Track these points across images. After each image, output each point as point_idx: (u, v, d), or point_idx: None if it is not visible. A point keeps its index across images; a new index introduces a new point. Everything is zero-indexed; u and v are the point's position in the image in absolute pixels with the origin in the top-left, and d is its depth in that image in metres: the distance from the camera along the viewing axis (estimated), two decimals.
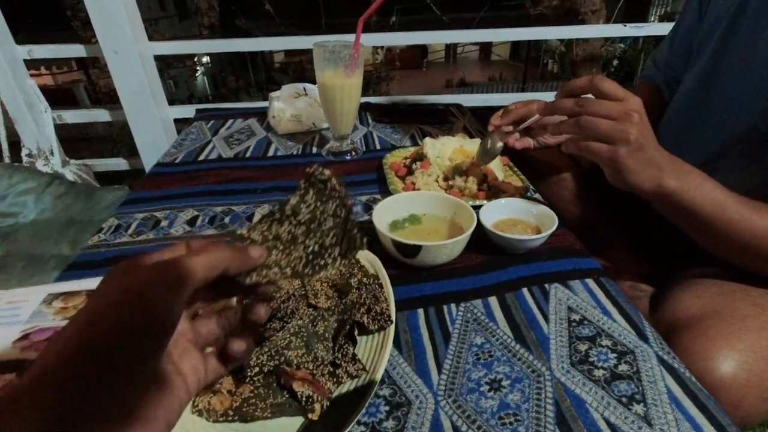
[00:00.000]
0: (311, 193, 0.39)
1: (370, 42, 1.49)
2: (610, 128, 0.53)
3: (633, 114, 0.52)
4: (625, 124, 0.52)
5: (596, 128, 0.54)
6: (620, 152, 0.53)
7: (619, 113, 0.53)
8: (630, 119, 0.52)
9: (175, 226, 0.71)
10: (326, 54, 0.84)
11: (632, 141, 0.52)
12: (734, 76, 0.68)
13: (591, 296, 0.56)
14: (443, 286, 0.58)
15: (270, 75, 5.13)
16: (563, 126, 0.58)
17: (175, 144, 1.02)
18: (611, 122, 0.53)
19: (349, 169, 0.89)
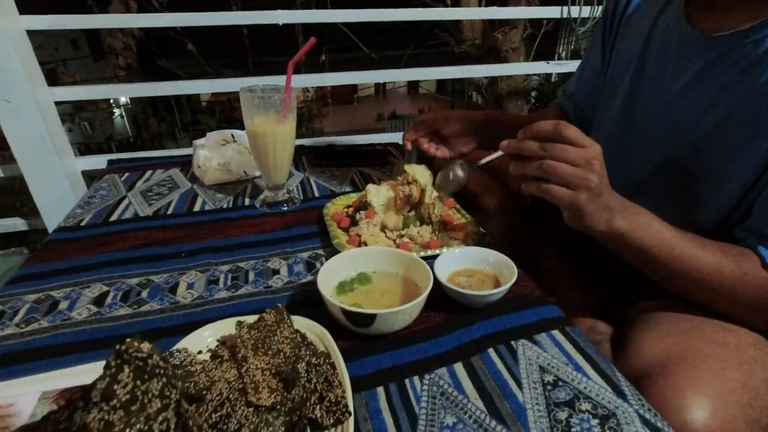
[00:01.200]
0: (126, 371, 0.33)
1: (302, 83, 1.44)
2: (572, 174, 0.54)
3: (594, 162, 0.54)
4: (587, 172, 0.53)
5: (559, 174, 0.54)
6: (581, 198, 0.54)
7: (582, 160, 0.54)
8: (592, 167, 0.53)
9: (77, 307, 0.59)
10: (255, 100, 0.77)
11: (593, 188, 0.54)
12: (648, 114, 0.72)
13: (560, 351, 0.52)
14: (402, 355, 0.52)
15: (196, 117, 4.93)
16: (529, 168, 0.57)
17: (81, 203, 0.89)
18: (574, 168, 0.54)
19: (287, 221, 0.81)
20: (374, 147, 1.25)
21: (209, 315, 0.58)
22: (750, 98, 0.57)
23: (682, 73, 0.66)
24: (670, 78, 0.68)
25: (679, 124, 0.66)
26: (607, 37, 0.85)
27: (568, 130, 0.54)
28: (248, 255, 0.71)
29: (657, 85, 0.70)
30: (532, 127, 0.57)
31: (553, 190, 0.55)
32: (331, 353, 0.47)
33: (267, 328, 0.49)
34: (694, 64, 0.64)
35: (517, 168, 0.59)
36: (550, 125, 0.55)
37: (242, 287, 0.64)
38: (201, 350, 0.50)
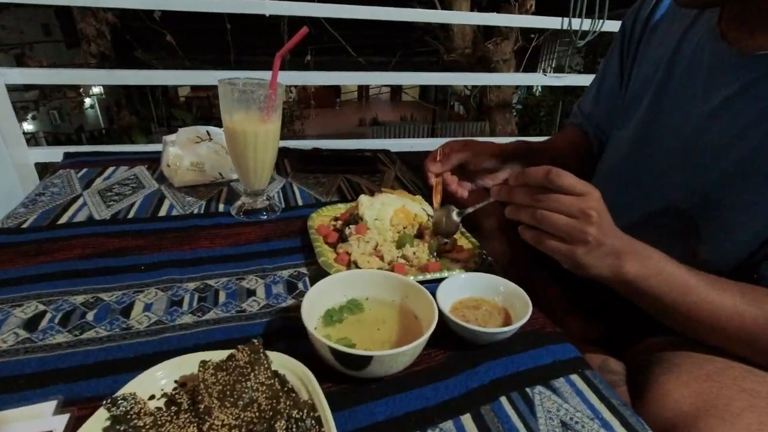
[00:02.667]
0: None
1: (287, 80, 1.35)
2: (568, 227, 0.50)
3: (592, 213, 0.49)
4: (583, 224, 0.49)
5: (553, 226, 0.51)
6: (578, 252, 0.51)
7: (578, 211, 0.49)
8: (589, 219, 0.49)
9: (2, 331, 0.48)
10: (235, 94, 0.68)
11: (590, 242, 0.50)
12: (671, 136, 0.66)
13: (582, 401, 0.45)
14: (401, 403, 0.44)
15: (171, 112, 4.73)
16: (523, 215, 0.53)
17: (26, 201, 0.77)
18: (569, 221, 0.50)
19: (266, 232, 0.72)
20: (363, 153, 1.16)
21: (169, 345, 0.48)
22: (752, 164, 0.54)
23: (713, 95, 0.60)
24: (699, 99, 0.62)
25: (706, 149, 0.60)
26: (626, 55, 0.80)
27: (561, 179, 0.50)
28: (219, 271, 0.62)
29: (682, 105, 0.65)
30: (523, 174, 0.52)
31: (548, 244, 0.52)
32: (316, 404, 0.39)
33: (238, 371, 0.40)
34: (728, 86, 0.58)
35: (512, 213, 0.55)
36: (541, 173, 0.50)
37: (210, 311, 0.54)
38: (154, 395, 0.40)
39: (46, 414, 0.39)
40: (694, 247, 0.61)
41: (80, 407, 0.40)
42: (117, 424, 0.36)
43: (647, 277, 0.52)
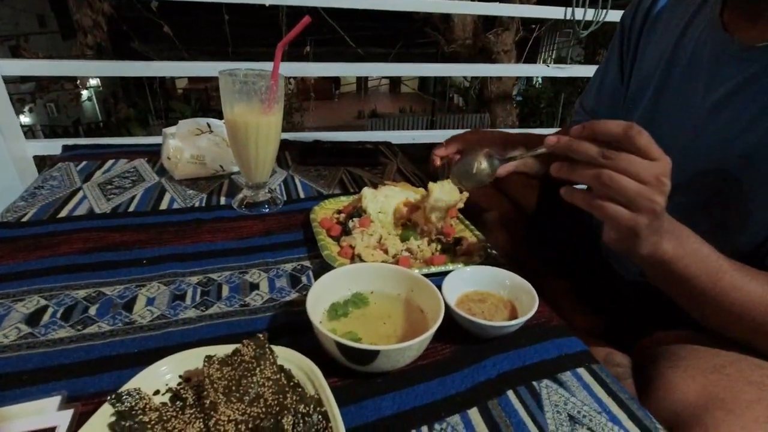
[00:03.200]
0: None
1: (287, 72, 1.33)
2: (638, 194, 0.44)
3: (665, 182, 0.44)
4: (655, 193, 0.44)
5: (623, 190, 0.44)
6: (642, 222, 0.45)
7: (652, 178, 0.44)
8: (661, 188, 0.44)
9: (3, 327, 0.48)
10: (236, 85, 0.67)
11: (658, 213, 0.45)
12: (673, 131, 0.65)
13: (590, 395, 0.45)
14: (407, 398, 0.43)
15: (170, 104, 4.69)
16: (580, 174, 0.46)
17: (26, 194, 0.76)
18: (641, 186, 0.44)
19: (268, 226, 0.71)
20: (364, 145, 1.15)
21: (172, 340, 0.48)
22: None
23: (715, 88, 0.59)
24: (701, 93, 0.61)
25: (709, 144, 0.59)
26: (625, 50, 0.79)
27: (641, 138, 0.44)
28: (222, 265, 0.61)
29: (685, 99, 0.64)
30: (594, 125, 0.45)
31: (611, 210, 0.46)
32: (323, 398, 0.38)
33: (243, 366, 0.39)
34: (731, 79, 0.57)
35: (563, 171, 0.48)
36: (621, 126, 0.44)
37: (214, 305, 0.54)
38: (159, 390, 0.40)
39: (50, 410, 0.39)
40: None
41: (84, 402, 0.40)
42: (122, 420, 0.35)
43: (682, 257, 0.49)
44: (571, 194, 0.48)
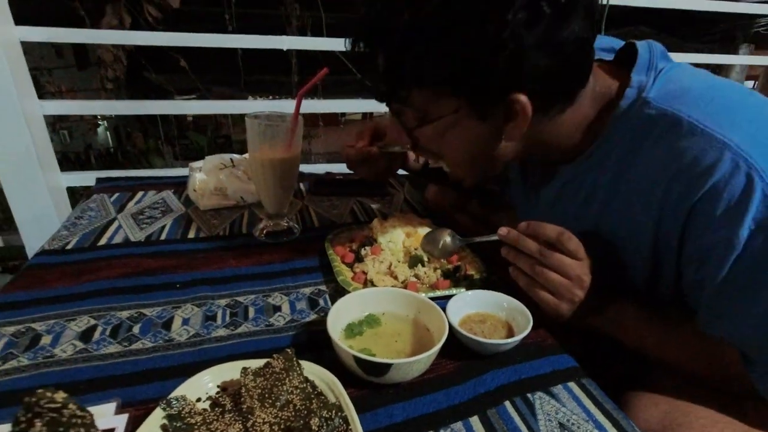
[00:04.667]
0: (38, 426, 0.34)
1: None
2: (562, 287, 0.57)
3: (584, 278, 0.57)
4: (575, 288, 0.57)
5: (550, 283, 0.57)
6: (563, 307, 0.58)
7: (574, 275, 0.57)
8: (581, 284, 0.57)
9: (61, 342, 0.55)
10: (261, 127, 0.75)
11: (576, 301, 0.58)
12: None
13: (579, 405, 0.50)
14: (415, 406, 0.49)
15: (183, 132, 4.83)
16: (521, 263, 0.59)
17: (68, 224, 0.84)
18: (564, 281, 0.57)
19: (287, 253, 0.78)
20: None
21: (207, 355, 0.54)
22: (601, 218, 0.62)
23: (546, 192, 0.70)
24: (541, 194, 0.71)
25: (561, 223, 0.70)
26: None
27: (570, 243, 0.56)
28: (247, 288, 0.68)
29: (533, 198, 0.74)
30: (536, 227, 0.57)
31: (541, 295, 0.58)
32: (343, 405, 0.44)
33: (275, 376, 0.46)
34: (553, 187, 0.68)
35: (510, 256, 0.61)
36: (555, 233, 0.56)
37: (242, 325, 0.60)
38: (200, 397, 0.46)
39: (108, 414, 0.45)
40: None
41: (135, 408, 0.46)
42: (173, 422, 0.42)
43: (604, 325, 0.62)
44: (516, 275, 0.61)
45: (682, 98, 0.53)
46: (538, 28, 0.49)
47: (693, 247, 0.53)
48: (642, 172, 0.56)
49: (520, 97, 0.52)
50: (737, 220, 0.48)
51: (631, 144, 0.57)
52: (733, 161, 0.48)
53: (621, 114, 0.57)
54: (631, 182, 0.57)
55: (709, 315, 0.55)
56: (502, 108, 0.54)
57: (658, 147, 0.54)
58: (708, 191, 0.49)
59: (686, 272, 0.56)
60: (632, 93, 0.56)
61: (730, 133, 0.49)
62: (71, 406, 0.36)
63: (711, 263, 0.51)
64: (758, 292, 0.49)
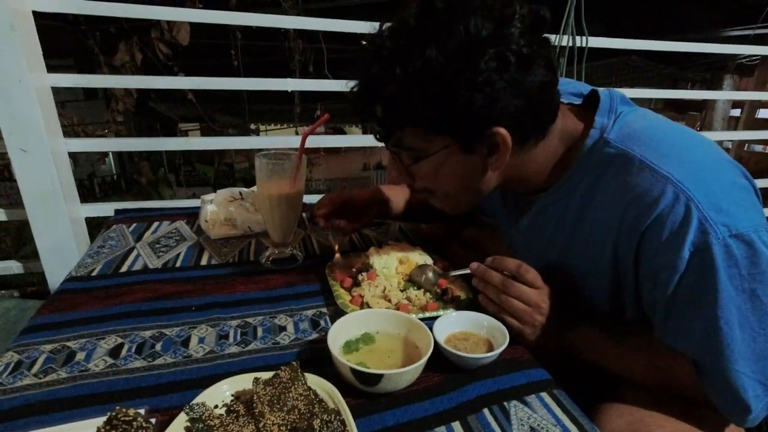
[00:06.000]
0: None
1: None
2: (523, 313, 0.67)
3: (542, 305, 0.67)
4: (535, 313, 0.67)
5: (512, 309, 0.68)
6: (526, 331, 0.68)
7: (534, 302, 0.67)
8: (540, 310, 0.67)
9: (94, 359, 0.62)
10: (269, 165, 0.84)
11: (536, 325, 0.68)
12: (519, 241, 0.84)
13: (549, 412, 0.57)
14: (404, 413, 0.56)
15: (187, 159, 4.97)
16: (489, 293, 0.70)
17: (91, 252, 0.92)
18: (525, 308, 0.67)
19: (291, 278, 0.86)
20: None
21: (221, 369, 0.61)
22: (569, 245, 0.71)
23: (521, 218, 0.79)
24: (517, 219, 0.80)
25: (532, 248, 0.79)
26: None
27: (528, 274, 0.67)
28: (255, 311, 0.75)
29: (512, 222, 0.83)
30: (500, 261, 0.69)
31: (506, 320, 0.68)
32: (341, 411, 0.51)
33: (282, 385, 0.53)
34: (527, 214, 0.77)
35: (479, 286, 0.71)
36: (515, 266, 0.67)
37: (251, 343, 0.67)
38: (217, 404, 0.53)
39: None
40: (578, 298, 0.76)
41: (161, 414, 0.53)
42: (195, 423, 0.49)
43: (569, 347, 0.70)
44: (485, 303, 0.71)
45: (635, 140, 0.62)
46: (506, 73, 0.58)
47: (645, 269, 0.61)
48: (602, 202, 0.65)
49: (499, 129, 0.61)
50: (678, 244, 0.56)
51: (594, 178, 0.66)
52: (675, 193, 0.56)
53: (586, 151, 0.66)
54: (594, 211, 0.66)
55: (663, 329, 0.62)
56: (485, 142, 0.63)
57: (615, 181, 0.62)
58: (654, 219, 0.58)
59: (642, 292, 0.64)
60: (595, 134, 0.65)
61: (672, 169, 0.58)
62: (139, 419, 0.45)
63: (659, 284, 0.59)
64: (698, 309, 0.57)
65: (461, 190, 0.71)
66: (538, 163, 0.69)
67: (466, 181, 0.69)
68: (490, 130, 0.61)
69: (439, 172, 0.68)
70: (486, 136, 0.62)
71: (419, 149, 0.66)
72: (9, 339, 0.67)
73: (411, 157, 0.68)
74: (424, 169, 0.68)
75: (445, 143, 0.64)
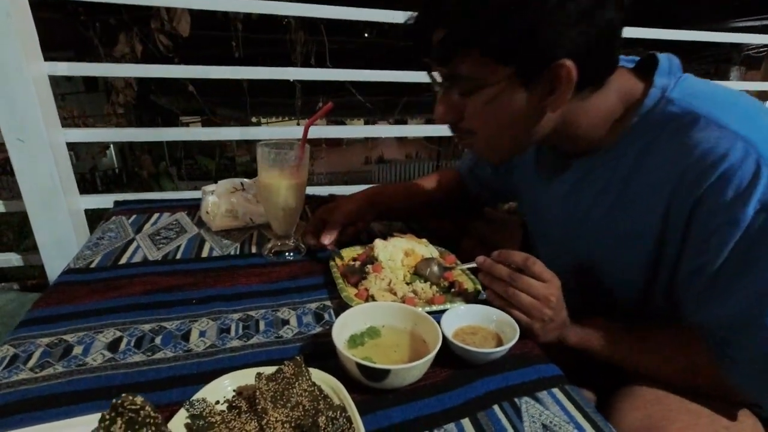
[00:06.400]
0: (119, 422, 0.40)
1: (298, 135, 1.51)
2: (531, 306, 0.64)
3: (551, 299, 0.64)
4: (544, 307, 0.64)
5: (520, 304, 0.65)
6: (535, 326, 0.65)
7: (542, 296, 0.64)
8: (548, 303, 0.64)
9: (92, 353, 0.60)
10: (271, 155, 0.82)
11: (545, 320, 0.65)
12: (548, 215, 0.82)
13: (561, 409, 0.55)
14: (411, 409, 0.54)
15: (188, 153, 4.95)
16: (495, 287, 0.67)
17: (90, 244, 0.90)
18: (534, 301, 0.64)
19: (293, 271, 0.84)
20: None
21: (223, 364, 0.60)
22: (611, 213, 0.68)
23: (560, 185, 0.76)
24: (554, 187, 0.78)
25: (569, 223, 0.76)
26: None
27: (535, 267, 0.64)
28: (257, 304, 0.73)
29: (547, 193, 0.80)
30: (506, 255, 0.66)
31: (513, 313, 0.65)
32: (346, 407, 0.50)
33: (286, 380, 0.51)
34: (567, 181, 0.74)
35: (486, 281, 0.69)
36: (521, 258, 0.64)
37: (254, 336, 0.66)
38: (218, 400, 0.51)
39: None
40: (599, 292, 0.76)
41: (161, 410, 0.51)
42: (196, 420, 0.47)
43: (581, 343, 0.69)
44: (491, 298, 0.68)
45: (703, 99, 0.60)
46: (581, 3, 0.55)
47: (698, 232, 0.58)
48: (657, 163, 0.61)
49: (566, 62, 0.57)
50: (744, 200, 0.53)
51: (651, 137, 0.62)
52: (744, 149, 0.54)
53: (646, 111, 0.62)
54: (646, 174, 0.63)
55: (699, 301, 0.60)
56: (547, 77, 0.59)
57: (675, 140, 0.59)
58: (719, 177, 0.55)
59: (685, 260, 0.61)
60: (656, 92, 0.62)
61: (740, 128, 0.55)
62: (147, 408, 0.42)
63: (713, 246, 0.57)
64: (751, 268, 0.55)
65: (510, 132, 0.66)
66: (591, 117, 0.65)
67: (517, 122, 0.64)
68: (556, 62, 0.57)
69: (492, 108, 0.63)
70: (551, 69, 0.58)
71: (477, 79, 0.62)
72: (7, 332, 0.65)
73: (466, 88, 0.64)
74: (477, 104, 0.64)
75: (506, 74, 0.60)
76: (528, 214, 0.93)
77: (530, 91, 0.61)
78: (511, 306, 0.66)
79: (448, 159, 10.17)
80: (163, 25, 2.74)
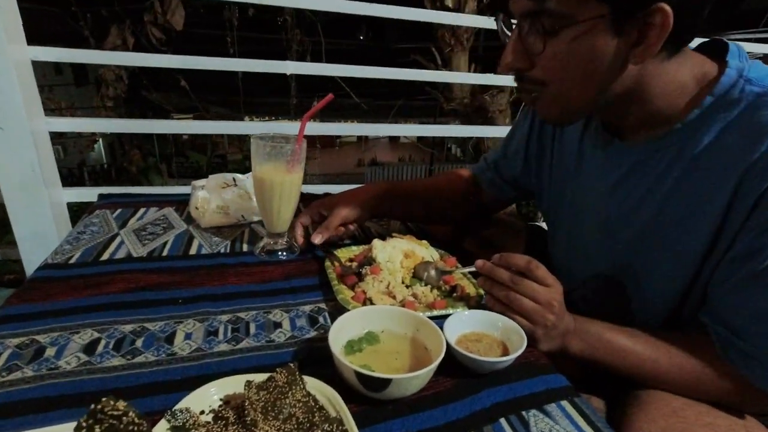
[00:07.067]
0: (97, 431, 0.37)
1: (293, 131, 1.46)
2: (533, 311, 0.61)
3: (554, 303, 0.61)
4: (546, 312, 0.61)
5: (522, 309, 0.61)
6: (537, 332, 0.62)
7: (544, 300, 0.61)
8: (551, 308, 0.61)
9: (65, 355, 0.55)
10: (266, 148, 0.78)
11: (548, 326, 0.62)
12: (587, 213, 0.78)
13: (571, 423, 0.52)
14: (413, 422, 0.50)
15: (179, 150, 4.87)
16: (496, 292, 0.64)
17: (70, 238, 0.85)
18: (535, 306, 0.61)
19: (287, 271, 0.80)
20: None
21: (209, 369, 0.55)
22: (668, 201, 0.64)
23: (609, 174, 0.72)
24: (600, 179, 0.74)
25: (610, 221, 0.72)
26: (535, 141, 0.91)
27: (539, 271, 0.61)
28: (248, 305, 0.69)
29: (590, 184, 0.76)
30: (508, 258, 0.63)
31: (514, 320, 0.62)
32: (343, 419, 0.46)
33: (278, 390, 0.47)
34: (620, 167, 0.70)
35: (486, 285, 0.66)
36: (524, 262, 0.61)
37: (243, 340, 0.61)
38: (204, 410, 0.47)
39: None
40: (624, 304, 0.73)
41: None
42: (179, 431, 0.43)
43: (586, 349, 0.65)
44: (491, 303, 0.65)
45: None
46: None
47: (757, 222, 0.55)
48: (731, 144, 0.57)
49: (665, 6, 0.52)
50: None
51: (730, 117, 0.58)
52: None
53: (723, 90, 0.59)
54: (715, 158, 0.59)
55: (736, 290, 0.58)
56: (639, 23, 0.54)
57: (753, 119, 0.56)
58: None
59: (735, 247, 0.57)
60: (732, 72, 0.59)
61: None
62: (131, 414, 0.38)
63: None
64: None
65: (585, 83, 0.60)
66: (665, 84, 0.60)
67: (597, 71, 0.58)
68: (656, 4, 0.52)
69: (574, 51, 0.57)
70: (647, 13, 0.53)
71: (566, 16, 0.56)
72: None
73: (551, 26, 0.57)
74: (558, 47, 0.58)
75: (598, 12, 0.54)
76: (553, 215, 0.88)
77: (619, 36, 0.55)
78: (512, 311, 0.62)
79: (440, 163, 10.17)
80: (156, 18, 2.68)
